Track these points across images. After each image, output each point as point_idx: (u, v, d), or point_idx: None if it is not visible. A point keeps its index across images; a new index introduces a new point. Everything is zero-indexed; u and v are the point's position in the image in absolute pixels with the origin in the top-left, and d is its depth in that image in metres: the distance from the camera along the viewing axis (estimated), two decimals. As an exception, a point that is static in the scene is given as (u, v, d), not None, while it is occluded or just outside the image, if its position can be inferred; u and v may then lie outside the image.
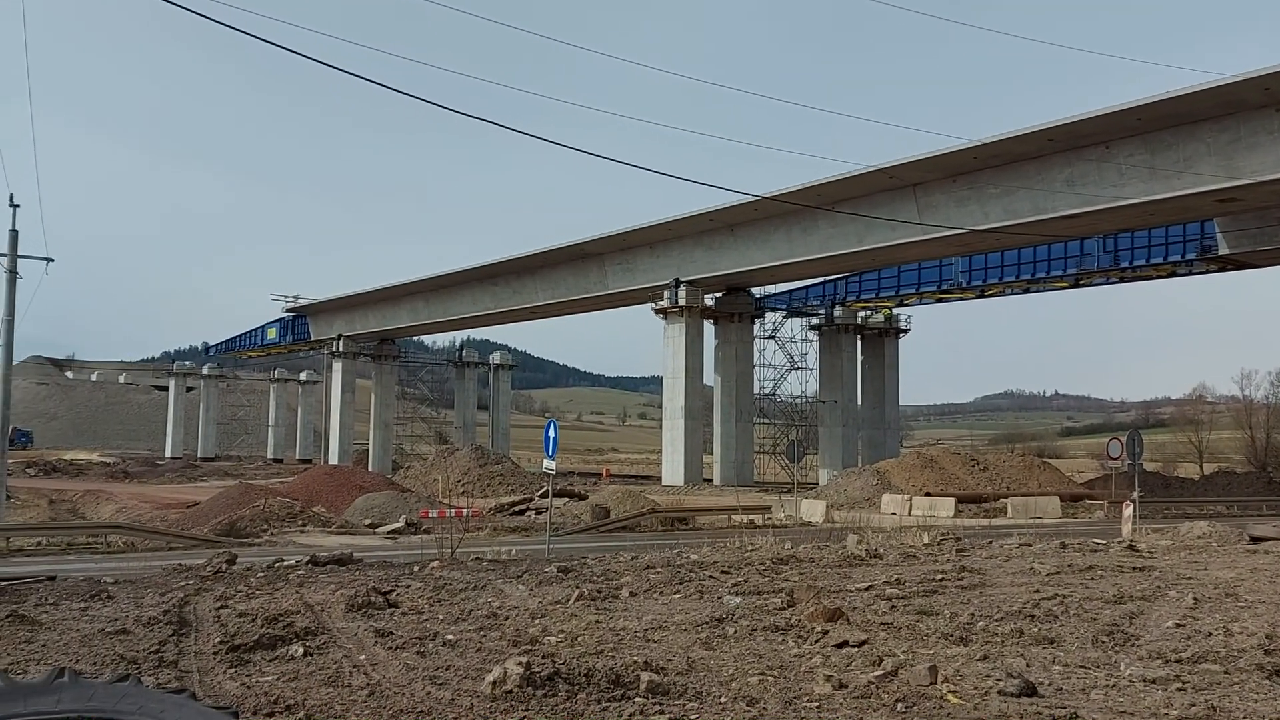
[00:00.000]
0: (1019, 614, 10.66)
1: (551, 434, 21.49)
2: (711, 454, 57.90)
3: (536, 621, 10.29)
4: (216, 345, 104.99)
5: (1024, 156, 38.54)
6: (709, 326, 57.21)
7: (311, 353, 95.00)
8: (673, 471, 54.44)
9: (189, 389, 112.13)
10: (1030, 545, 18.99)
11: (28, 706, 3.68)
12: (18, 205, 30.83)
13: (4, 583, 13.91)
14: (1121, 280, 53.33)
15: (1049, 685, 7.55)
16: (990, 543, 19.77)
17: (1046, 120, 36.70)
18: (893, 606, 11.23)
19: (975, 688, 7.35)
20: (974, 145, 38.69)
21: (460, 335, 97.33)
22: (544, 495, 36.40)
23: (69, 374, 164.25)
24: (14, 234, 31.07)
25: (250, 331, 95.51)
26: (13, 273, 31.17)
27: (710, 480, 55.60)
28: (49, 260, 33.11)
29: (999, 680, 7.47)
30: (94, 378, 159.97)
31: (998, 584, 13.38)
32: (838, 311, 61.21)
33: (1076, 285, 54.30)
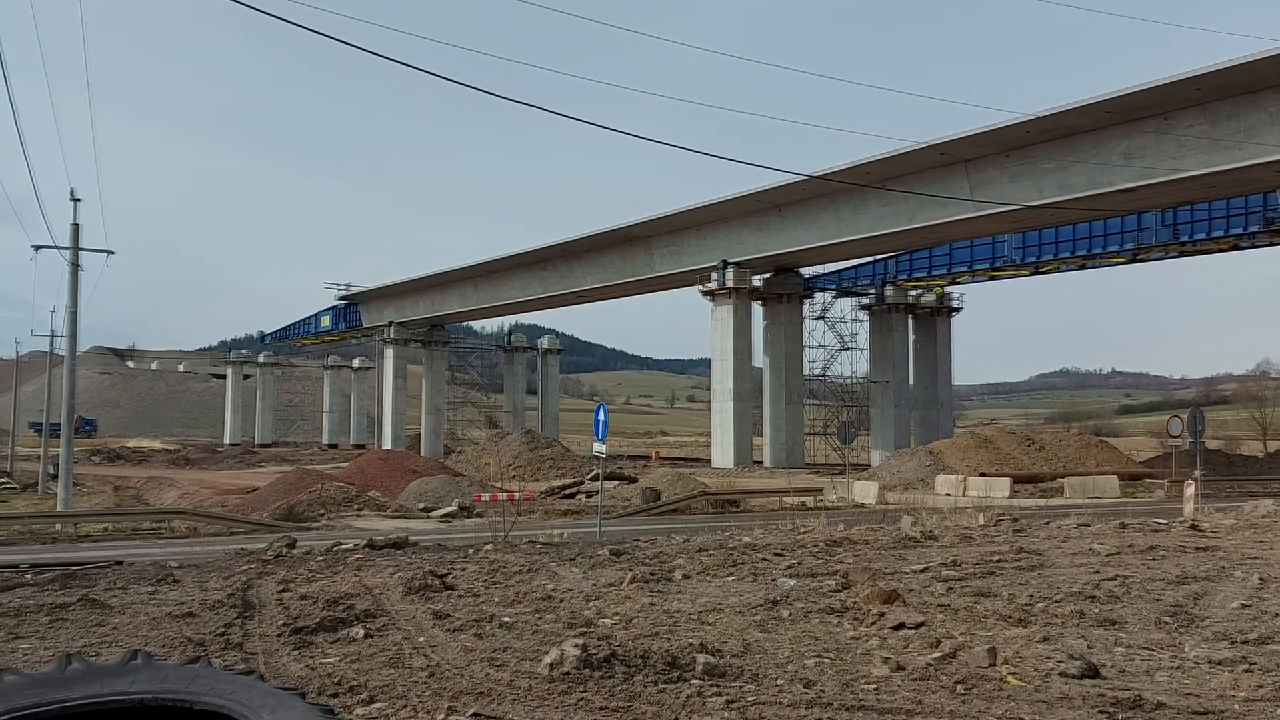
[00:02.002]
0: (1079, 595, 10.49)
1: (601, 417, 21.56)
2: (761, 436, 57.73)
3: (591, 604, 10.34)
4: (272, 333, 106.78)
5: (1079, 130, 37.72)
6: (757, 308, 56.91)
7: (364, 339, 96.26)
8: (722, 454, 54.36)
9: (246, 377, 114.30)
10: (1089, 525, 18.67)
11: (104, 687, 3.78)
12: (79, 199, 31.61)
13: (74, 567, 14.31)
14: (1181, 254, 52.10)
15: (1112, 667, 7.43)
16: (1048, 523, 19.46)
17: (1102, 92, 35.91)
18: (950, 588, 11.12)
19: (1036, 669, 7.26)
20: (1027, 119, 37.97)
21: (509, 320, 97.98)
22: (594, 478, 36.57)
23: (130, 363, 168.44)
24: (75, 227, 31.87)
25: (304, 319, 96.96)
26: (75, 265, 31.97)
27: (760, 463, 55.45)
28: (109, 253, 34.03)
29: (1060, 662, 7.36)
30: (154, 367, 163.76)
31: (1056, 565, 13.19)
32: (888, 291, 60.51)
33: (1134, 260, 53.17)
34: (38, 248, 32.74)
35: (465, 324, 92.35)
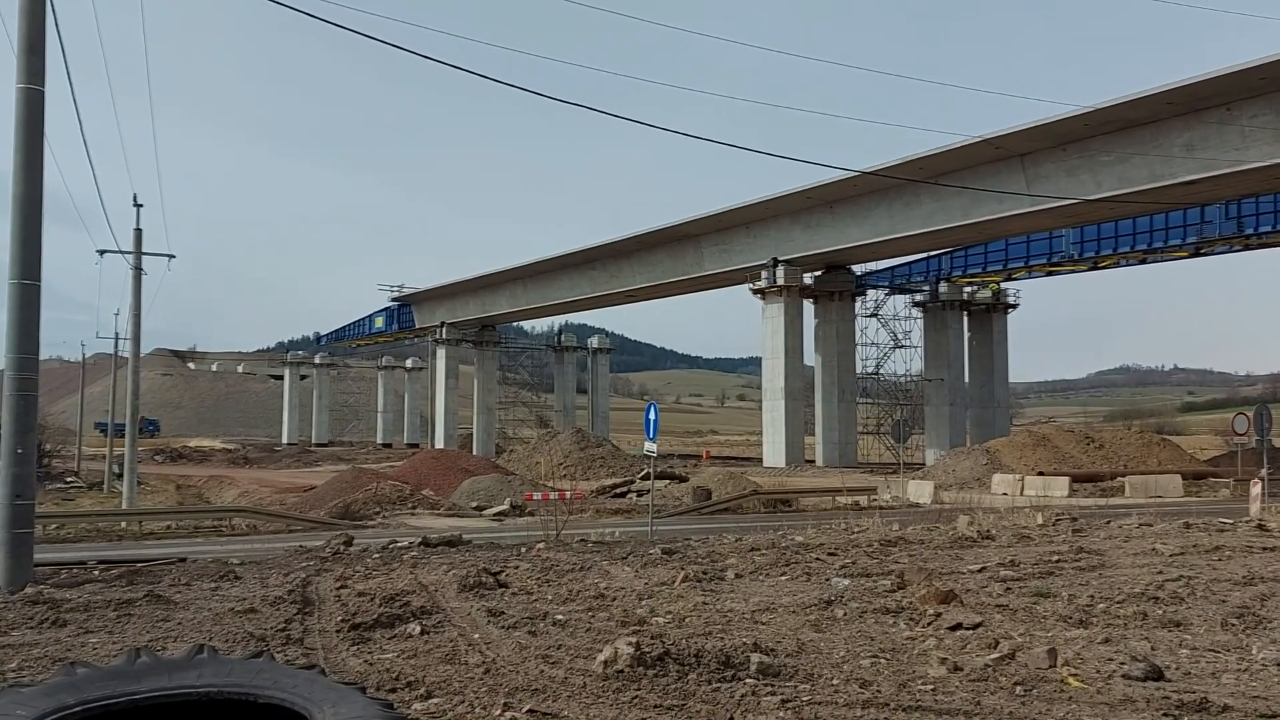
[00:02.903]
0: (1142, 596, 10.28)
1: (652, 416, 21.56)
2: (813, 435, 57.36)
3: (643, 603, 10.36)
4: (327, 335, 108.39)
5: (1138, 122, 36.95)
6: (808, 305, 56.58)
7: (416, 340, 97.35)
8: (774, 453, 54.11)
9: (302, 377, 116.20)
10: (1151, 525, 18.29)
11: (172, 680, 3.89)
12: (141, 205, 32.39)
13: (140, 564, 14.68)
14: (1246, 248, 50.78)
15: (1176, 669, 7.28)
16: (1108, 523, 19.10)
17: (1163, 83, 35.16)
18: (1007, 589, 10.96)
19: (1098, 671, 7.13)
20: (1085, 111, 37.28)
21: (558, 320, 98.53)
22: (645, 477, 36.58)
23: (191, 365, 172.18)
24: (138, 232, 32.65)
25: (358, 321, 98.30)
26: (138, 269, 32.75)
27: (812, 462, 55.13)
28: (171, 256, 34.80)
29: (1123, 664, 7.23)
30: (214, 368, 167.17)
31: (1118, 565, 12.94)
32: (943, 287, 59.78)
33: (1197, 254, 51.93)
34: (102, 252, 33.56)
35: (515, 324, 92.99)
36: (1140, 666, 7.06)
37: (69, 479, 53.44)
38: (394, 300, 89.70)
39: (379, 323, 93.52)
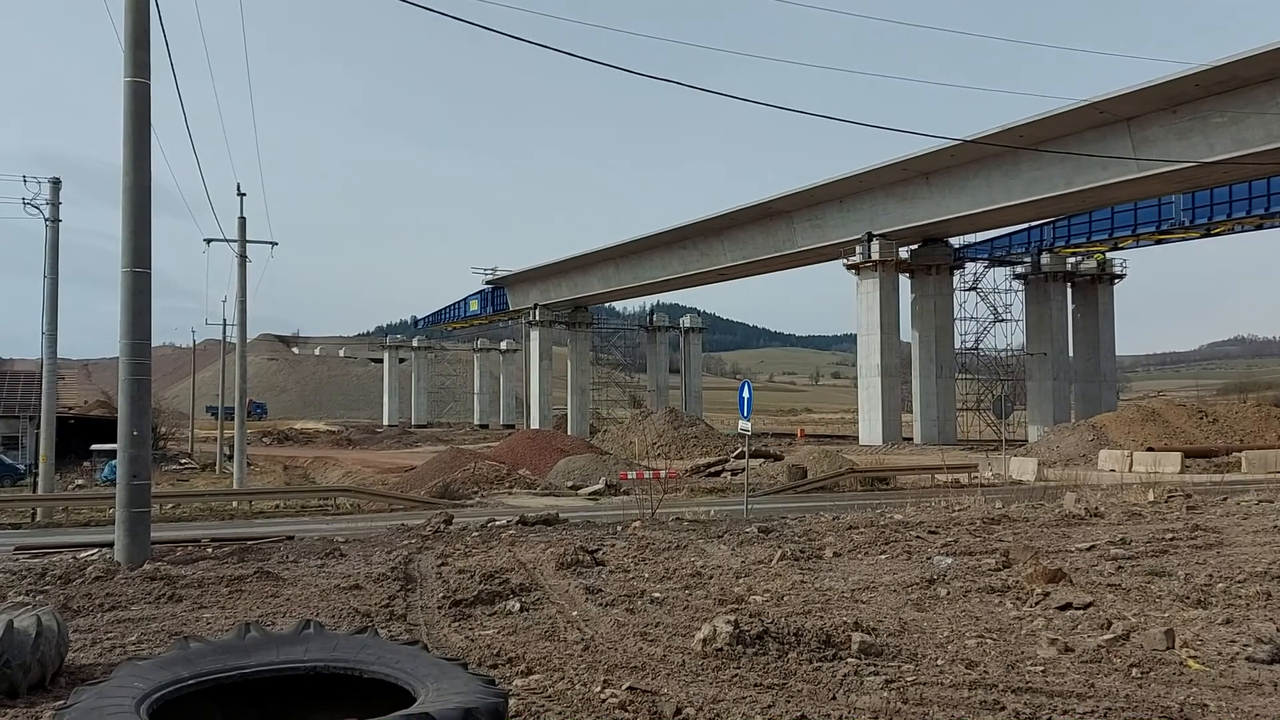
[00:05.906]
0: (1264, 575, 9.79)
1: (746, 395, 21.43)
2: (910, 412, 56.32)
3: (740, 581, 10.28)
4: (424, 318, 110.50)
5: (1254, 80, 35.07)
6: (904, 280, 55.40)
7: (510, 322, 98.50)
8: (870, 430, 53.32)
9: (401, 360, 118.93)
10: (1271, 502, 17.45)
11: (280, 655, 3.98)
12: (244, 194, 33.39)
13: (250, 542, 15.21)
14: (1373, 210, 47.88)
15: (1305, 653, 6.90)
16: (1224, 499, 18.29)
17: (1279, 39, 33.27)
18: (1119, 567, 10.56)
19: (1219, 653, 6.81)
20: (1195, 72, 35.55)
21: (650, 300, 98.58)
22: (739, 456, 36.43)
23: (295, 350, 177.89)
24: (242, 220, 33.72)
25: (453, 304, 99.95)
26: (243, 257, 33.85)
27: (910, 439, 54.15)
28: (273, 244, 35.82)
29: (1246, 645, 6.88)
30: (317, 353, 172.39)
31: (1237, 543, 12.37)
32: (1045, 258, 57.82)
33: (1320, 218, 49.18)
34: (209, 241, 34.77)
35: (607, 305, 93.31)
36: (1265, 649, 6.72)
37: (183, 460, 55.81)
38: (488, 283, 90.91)
39: (474, 306, 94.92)
